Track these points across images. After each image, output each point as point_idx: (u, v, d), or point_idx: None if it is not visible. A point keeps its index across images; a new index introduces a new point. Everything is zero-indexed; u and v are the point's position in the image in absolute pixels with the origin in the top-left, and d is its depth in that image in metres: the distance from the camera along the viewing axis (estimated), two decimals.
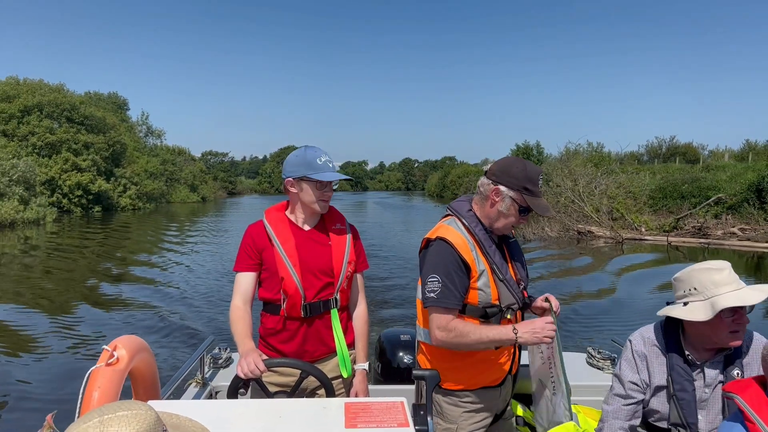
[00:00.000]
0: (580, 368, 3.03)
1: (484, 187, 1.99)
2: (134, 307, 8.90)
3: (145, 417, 0.92)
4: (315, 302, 2.16)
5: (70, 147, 35.15)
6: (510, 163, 1.96)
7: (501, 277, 1.98)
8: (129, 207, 38.74)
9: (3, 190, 24.12)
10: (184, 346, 6.60)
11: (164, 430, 0.96)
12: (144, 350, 2.05)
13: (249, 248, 2.18)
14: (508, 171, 1.93)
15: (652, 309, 5.41)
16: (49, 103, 35.59)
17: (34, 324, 7.96)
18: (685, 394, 1.80)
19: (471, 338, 1.89)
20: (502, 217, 1.98)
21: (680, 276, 1.84)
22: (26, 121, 34.54)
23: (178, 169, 55.35)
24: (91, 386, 1.72)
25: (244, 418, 1.59)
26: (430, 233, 2.04)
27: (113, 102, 54.31)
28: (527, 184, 1.92)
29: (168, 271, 12.80)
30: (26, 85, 37.48)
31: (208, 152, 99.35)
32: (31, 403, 5.09)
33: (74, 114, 36.66)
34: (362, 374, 2.27)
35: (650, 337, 1.92)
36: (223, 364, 3.09)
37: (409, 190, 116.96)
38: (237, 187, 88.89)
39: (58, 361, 6.36)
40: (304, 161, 2.12)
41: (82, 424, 0.89)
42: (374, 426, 1.52)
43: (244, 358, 1.96)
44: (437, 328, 1.92)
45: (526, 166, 1.95)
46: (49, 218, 26.43)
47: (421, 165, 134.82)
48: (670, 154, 43.00)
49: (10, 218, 22.97)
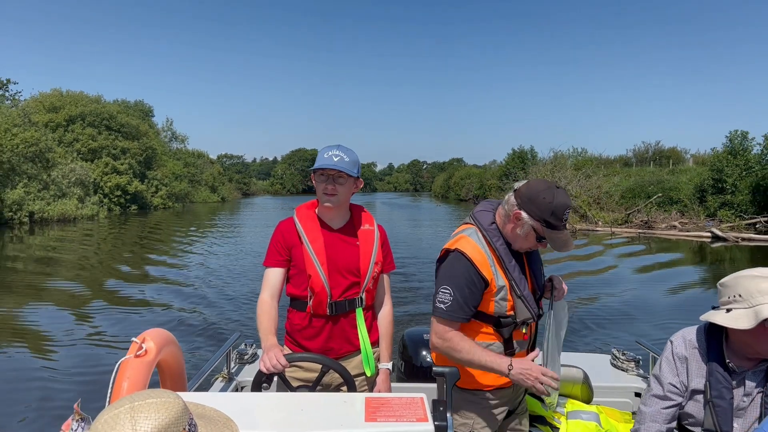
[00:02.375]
0: (604, 369, 3.01)
1: (509, 206, 1.95)
2: (157, 304, 9.10)
3: (173, 405, 0.96)
4: (341, 301, 2.20)
5: (109, 152, 39.28)
6: (539, 191, 1.88)
7: (519, 293, 1.97)
8: (160, 206, 42.88)
9: (65, 191, 28.37)
10: (209, 343, 6.75)
11: (191, 418, 0.99)
12: (171, 343, 2.11)
13: (279, 244, 2.23)
14: (534, 199, 1.87)
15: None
16: (90, 113, 39.79)
17: (61, 317, 8.25)
18: (722, 402, 1.75)
19: (463, 356, 1.92)
20: (519, 239, 1.96)
21: (726, 282, 1.77)
22: (71, 130, 38.73)
23: (199, 171, 59.64)
24: (120, 377, 1.79)
25: (267, 410, 1.63)
26: (450, 243, 2.02)
27: (140, 109, 58.52)
28: (550, 218, 1.87)
29: (196, 268, 13.14)
30: (69, 96, 41.72)
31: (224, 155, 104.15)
32: (63, 393, 5.26)
33: (112, 123, 40.83)
34: (386, 373, 2.29)
35: (692, 339, 1.88)
36: (249, 360, 3.16)
37: (417, 192, 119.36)
38: (251, 188, 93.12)
39: (88, 352, 6.59)
40: (318, 157, 2.19)
41: (114, 409, 0.94)
42: (394, 420, 1.53)
43: (266, 353, 2.00)
44: (435, 334, 1.97)
45: (554, 197, 1.86)
46: (101, 215, 30.70)
47: (429, 166, 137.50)
48: (655, 158, 46.37)
49: (73, 214, 27.23)
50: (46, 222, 26.07)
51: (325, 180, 2.15)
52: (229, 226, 26.70)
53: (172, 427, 0.93)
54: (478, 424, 2.08)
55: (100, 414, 0.95)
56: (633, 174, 33.14)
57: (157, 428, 0.91)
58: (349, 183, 2.18)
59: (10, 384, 5.58)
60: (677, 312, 8.51)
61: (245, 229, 24.93)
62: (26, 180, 25.93)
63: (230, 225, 27.21)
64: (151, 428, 0.91)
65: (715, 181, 22.62)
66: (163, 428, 0.92)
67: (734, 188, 21.90)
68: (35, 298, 9.75)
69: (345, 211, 2.28)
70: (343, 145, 2.19)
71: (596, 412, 2.19)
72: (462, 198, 59.36)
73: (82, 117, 39.53)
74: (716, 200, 22.22)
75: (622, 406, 2.73)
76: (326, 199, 2.16)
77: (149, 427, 0.91)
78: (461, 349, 1.92)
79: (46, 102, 39.51)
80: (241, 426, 1.28)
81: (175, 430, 0.93)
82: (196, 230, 24.08)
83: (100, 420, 0.94)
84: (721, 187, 22.36)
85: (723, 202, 21.93)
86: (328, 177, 2.14)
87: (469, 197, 55.74)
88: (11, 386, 5.52)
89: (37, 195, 26.26)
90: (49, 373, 5.84)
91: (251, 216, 36.14)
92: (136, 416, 0.92)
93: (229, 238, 20.37)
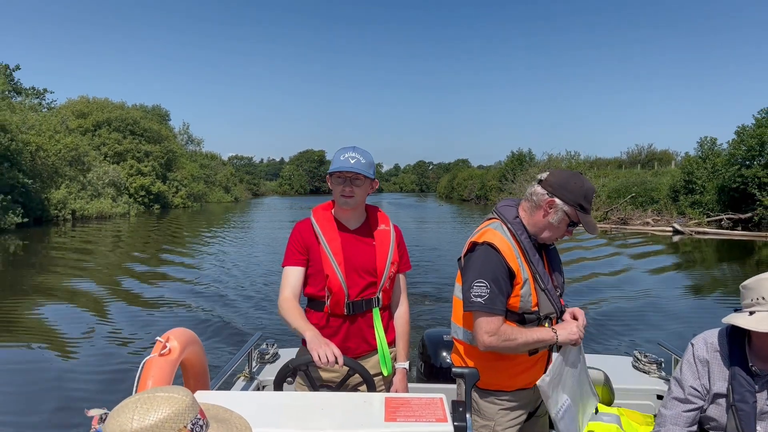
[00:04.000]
0: (626, 372, 3.02)
1: (537, 197, 1.98)
2: (177, 305, 9.18)
3: (177, 401, 0.99)
4: (358, 300, 2.23)
5: (134, 155, 42.18)
6: (568, 177, 1.97)
7: (542, 286, 2.02)
8: (180, 205, 45.80)
9: (100, 191, 31.36)
10: (228, 343, 6.85)
11: (198, 417, 1.01)
12: (195, 343, 2.15)
13: (297, 244, 2.25)
14: (565, 185, 1.94)
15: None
16: (116, 118, 42.76)
17: (83, 316, 8.39)
18: (745, 406, 1.75)
19: (518, 341, 1.94)
20: (550, 228, 1.99)
21: (748, 284, 1.78)
22: (98, 134, 41.69)
23: (213, 172, 62.68)
24: (145, 375, 1.85)
25: (288, 409, 1.65)
26: (477, 236, 2.04)
27: (157, 114, 61.52)
28: (582, 201, 1.95)
29: (215, 268, 13.36)
30: (95, 103, 44.67)
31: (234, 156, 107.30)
32: (87, 391, 5.34)
33: (136, 128, 43.75)
34: (402, 373, 2.32)
35: (713, 342, 1.88)
36: (270, 360, 3.22)
37: (423, 192, 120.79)
38: (260, 189, 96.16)
39: (110, 350, 6.75)
40: (334, 159, 2.22)
41: (127, 400, 1.01)
42: (413, 420, 1.54)
43: (320, 346, 1.95)
44: (486, 333, 1.94)
45: (584, 183, 1.96)
46: (132, 213, 33.67)
47: (434, 167, 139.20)
48: (648, 160, 48.68)
49: (108, 212, 30.21)
50: (86, 219, 29.05)
51: (342, 182, 2.17)
52: (244, 225, 28.73)
53: (170, 422, 0.96)
54: (498, 426, 2.09)
55: (117, 406, 1.01)
56: (621, 176, 35.66)
57: (154, 421, 0.95)
58: (365, 184, 2.21)
59: (32, 381, 5.67)
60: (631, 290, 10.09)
61: (260, 228, 26.42)
62: (68, 181, 28.86)
63: (246, 224, 29.49)
64: (149, 421, 0.94)
65: (687, 182, 25.12)
66: (161, 422, 0.95)
67: (703, 189, 24.39)
68: (61, 296, 10.05)
69: (361, 211, 2.32)
70: (358, 147, 2.23)
71: (617, 414, 2.15)
72: (464, 198, 61.64)
73: (108, 122, 42.41)
74: (687, 200, 24.71)
75: (643, 408, 2.69)
76: (343, 201, 2.20)
77: (148, 419, 0.95)
78: (515, 336, 1.95)
79: (75, 108, 42.52)
80: (262, 424, 1.37)
81: (174, 425, 0.96)
82: (218, 229, 25.74)
83: (114, 409, 1.00)
84: (691, 188, 24.87)
85: (693, 202, 24.42)
86: (345, 179, 2.17)
87: (471, 197, 58.25)
88: (33, 383, 5.60)
89: (77, 195, 29.20)
90: (73, 371, 5.92)
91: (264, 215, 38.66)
92: (140, 407, 0.96)
93: (246, 238, 21.40)
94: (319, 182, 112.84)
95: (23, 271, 13.57)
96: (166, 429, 0.95)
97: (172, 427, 0.96)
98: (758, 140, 21.56)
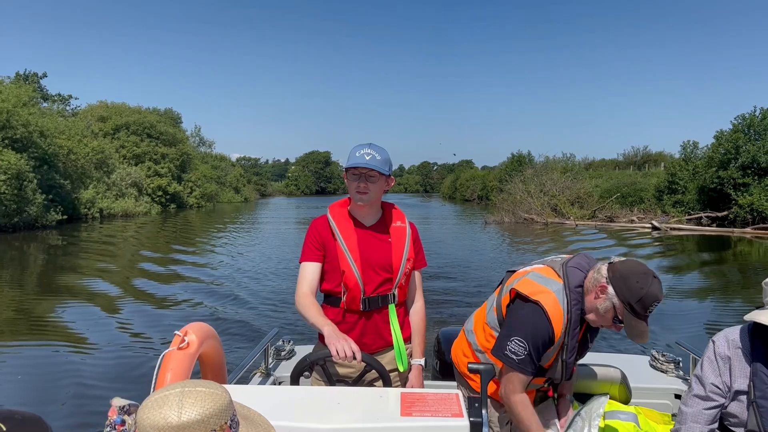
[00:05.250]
0: (643, 371, 3.01)
1: (598, 275, 1.93)
2: (193, 301, 9.27)
3: (220, 397, 0.99)
4: (374, 297, 2.25)
5: (151, 157, 44.34)
6: (635, 272, 1.86)
7: (564, 357, 2.01)
8: (195, 205, 47.98)
9: (124, 191, 33.61)
10: (242, 339, 6.89)
11: (234, 414, 1.02)
12: (212, 337, 2.17)
13: (314, 240, 2.28)
14: (626, 278, 1.85)
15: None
16: (134, 122, 44.97)
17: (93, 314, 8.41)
18: (767, 402, 1.76)
19: (521, 424, 1.99)
20: (596, 313, 1.94)
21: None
22: (118, 137, 43.90)
23: (224, 173, 64.96)
24: (164, 368, 1.87)
25: (304, 404, 1.66)
26: (532, 292, 1.97)
27: (169, 117, 63.79)
28: (635, 303, 1.84)
29: (229, 265, 13.58)
30: (114, 107, 46.85)
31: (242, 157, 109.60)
32: (104, 385, 5.33)
33: (152, 131, 45.97)
34: (418, 369, 2.34)
35: (735, 339, 1.88)
36: (286, 356, 3.24)
37: (427, 193, 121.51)
38: (267, 189, 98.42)
39: (127, 345, 6.81)
40: (349, 155, 2.23)
41: (165, 391, 0.99)
42: (429, 415, 1.55)
43: (339, 341, 1.98)
44: (505, 387, 2.00)
45: (649, 287, 1.83)
46: (153, 211, 35.91)
47: (438, 168, 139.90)
48: (643, 162, 50.45)
49: (132, 211, 32.48)
50: (113, 217, 31.31)
51: (357, 178, 2.20)
52: (257, 224, 30.14)
53: (215, 418, 0.96)
54: (496, 426, 2.18)
55: (152, 394, 1.00)
56: (613, 177, 37.59)
57: (201, 415, 0.95)
58: (380, 181, 2.23)
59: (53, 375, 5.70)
60: None
61: (273, 227, 27.51)
62: (95, 182, 31.07)
63: (259, 223, 31.06)
64: (195, 414, 0.95)
65: (670, 183, 27.05)
66: (207, 417, 0.95)
67: (684, 189, 26.31)
68: (81, 294, 10.25)
69: (377, 208, 2.34)
70: (374, 144, 2.24)
71: (634, 412, 2.13)
72: (467, 199, 63.40)
73: (126, 126, 44.50)
74: (670, 199, 26.64)
75: (661, 407, 2.68)
76: (358, 198, 2.22)
77: (194, 414, 0.95)
78: (522, 418, 1.97)
79: (96, 113, 44.75)
80: (279, 418, 1.37)
81: (217, 422, 0.97)
82: (233, 227, 26.80)
83: (150, 399, 0.99)
84: (674, 188, 26.79)
85: (675, 201, 26.34)
86: (360, 175, 2.19)
87: (473, 198, 60.17)
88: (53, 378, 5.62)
89: (103, 195, 31.43)
90: (91, 366, 5.99)
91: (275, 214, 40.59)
92: (184, 401, 0.96)
93: (260, 236, 22.19)
94: (325, 183, 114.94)
95: (62, 259, 15.39)
96: (210, 425, 0.96)
97: (216, 422, 0.97)
98: (734, 144, 23.43)
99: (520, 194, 28.86)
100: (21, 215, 22.24)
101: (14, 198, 21.54)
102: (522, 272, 2.14)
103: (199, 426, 0.95)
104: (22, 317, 8.55)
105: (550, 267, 2.08)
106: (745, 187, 22.69)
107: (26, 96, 25.66)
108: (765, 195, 22.00)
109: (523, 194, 28.72)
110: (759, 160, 22.51)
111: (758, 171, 22.69)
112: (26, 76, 38.84)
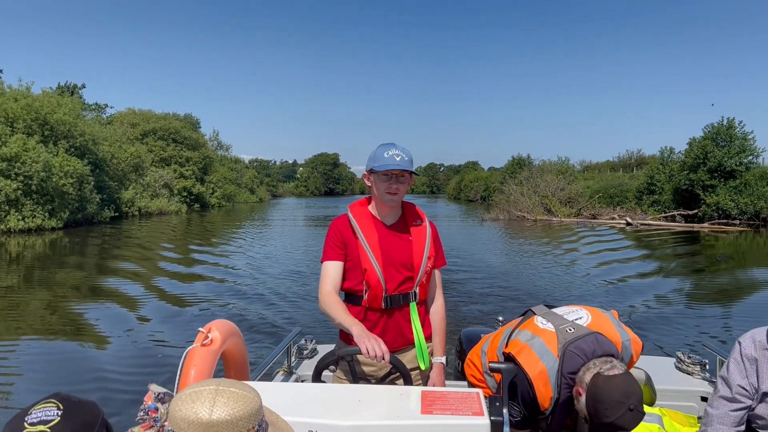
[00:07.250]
0: (669, 372, 2.99)
1: (583, 376, 1.93)
2: (215, 300, 9.34)
3: (251, 400, 1.00)
4: (395, 295, 2.27)
5: (176, 160, 47.94)
6: (611, 399, 1.82)
7: (551, 422, 2.07)
8: (216, 205, 51.53)
9: (157, 192, 37.28)
10: (263, 338, 6.94)
11: (262, 418, 1.03)
12: (235, 334, 2.20)
13: (335, 239, 2.30)
14: (598, 401, 1.84)
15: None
16: (160, 128, 48.60)
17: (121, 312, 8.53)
18: None
19: None
20: (578, 408, 1.98)
21: None
22: (146, 142, 47.47)
23: (240, 175, 68.66)
24: (188, 364, 1.88)
25: (326, 400, 1.69)
26: (526, 360, 2.00)
27: (189, 122, 67.47)
28: (599, 425, 1.88)
29: (249, 265, 13.63)
30: (141, 114, 50.48)
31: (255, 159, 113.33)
32: (131, 380, 5.43)
33: (177, 136, 49.59)
34: (439, 367, 2.36)
35: (762, 340, 1.86)
36: (308, 355, 3.25)
37: (434, 193, 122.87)
38: (279, 191, 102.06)
39: (149, 343, 6.91)
40: (374, 155, 2.24)
41: (199, 387, 1.00)
42: (450, 414, 1.56)
43: (368, 339, 2.00)
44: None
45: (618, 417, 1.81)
46: (183, 210, 39.56)
47: (445, 169, 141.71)
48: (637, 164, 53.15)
49: (165, 209, 36.18)
50: (150, 215, 34.95)
51: (388, 179, 2.21)
52: (275, 223, 31.64)
53: (243, 421, 0.96)
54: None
55: (186, 388, 1.02)
56: (604, 178, 40.70)
57: (231, 416, 0.95)
58: (409, 181, 2.26)
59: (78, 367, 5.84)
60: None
61: (290, 226, 28.74)
62: (133, 184, 34.69)
63: (276, 222, 32.48)
64: (225, 415, 0.95)
65: (649, 184, 30.17)
66: (236, 419, 0.96)
67: (661, 190, 29.42)
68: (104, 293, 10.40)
69: (397, 207, 2.35)
70: (397, 144, 2.25)
71: (659, 414, 2.06)
72: (471, 199, 66.07)
73: (153, 132, 48.14)
74: (649, 199, 29.77)
75: (687, 410, 2.62)
76: (389, 198, 2.23)
77: (224, 414, 0.95)
78: None
79: (126, 119, 48.43)
80: (301, 414, 1.42)
81: (245, 425, 0.97)
82: (253, 225, 28.32)
83: (185, 392, 1.00)
84: (652, 189, 29.91)
85: (653, 200, 29.47)
86: (391, 176, 2.20)
87: (477, 198, 63.16)
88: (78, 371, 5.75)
89: (141, 195, 35.04)
90: (116, 359, 6.10)
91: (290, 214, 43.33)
92: (217, 399, 0.96)
93: (277, 235, 23.09)
94: (334, 184, 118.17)
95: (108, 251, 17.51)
96: (238, 427, 0.96)
97: (244, 425, 0.97)
98: (703, 150, 26.50)
99: (515, 195, 32.17)
100: (83, 212, 25.90)
101: (77, 197, 25.14)
102: (532, 329, 2.11)
103: (227, 427, 0.96)
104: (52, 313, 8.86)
105: (555, 335, 2.05)
106: (712, 189, 25.77)
107: (79, 108, 29.28)
108: (729, 195, 25.10)
109: (517, 195, 32.03)
110: (724, 165, 25.58)
111: (724, 174, 25.76)
112: (68, 87, 42.50)
